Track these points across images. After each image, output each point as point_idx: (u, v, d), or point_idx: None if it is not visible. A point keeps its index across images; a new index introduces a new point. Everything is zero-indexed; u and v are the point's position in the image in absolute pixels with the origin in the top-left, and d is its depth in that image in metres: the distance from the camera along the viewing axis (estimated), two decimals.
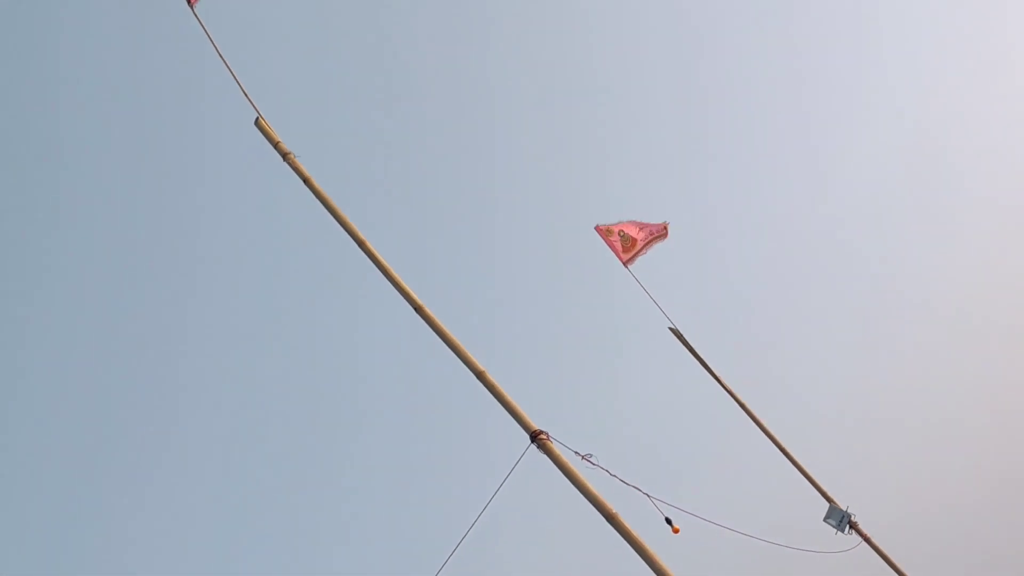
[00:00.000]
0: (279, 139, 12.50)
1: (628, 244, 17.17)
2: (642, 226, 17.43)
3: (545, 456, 9.36)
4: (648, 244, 17.39)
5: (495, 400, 10.16)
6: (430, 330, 10.83)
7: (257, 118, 12.61)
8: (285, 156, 12.29)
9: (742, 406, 17.22)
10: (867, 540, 16.09)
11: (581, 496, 9.09)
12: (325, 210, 11.74)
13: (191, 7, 13.17)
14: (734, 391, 17.25)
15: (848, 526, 16.04)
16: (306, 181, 11.95)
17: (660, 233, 17.77)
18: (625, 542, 8.65)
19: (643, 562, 8.56)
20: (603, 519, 8.85)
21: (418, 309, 10.97)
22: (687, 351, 17.08)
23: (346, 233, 11.50)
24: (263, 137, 12.55)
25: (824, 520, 16.24)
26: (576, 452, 9.43)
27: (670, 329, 17.14)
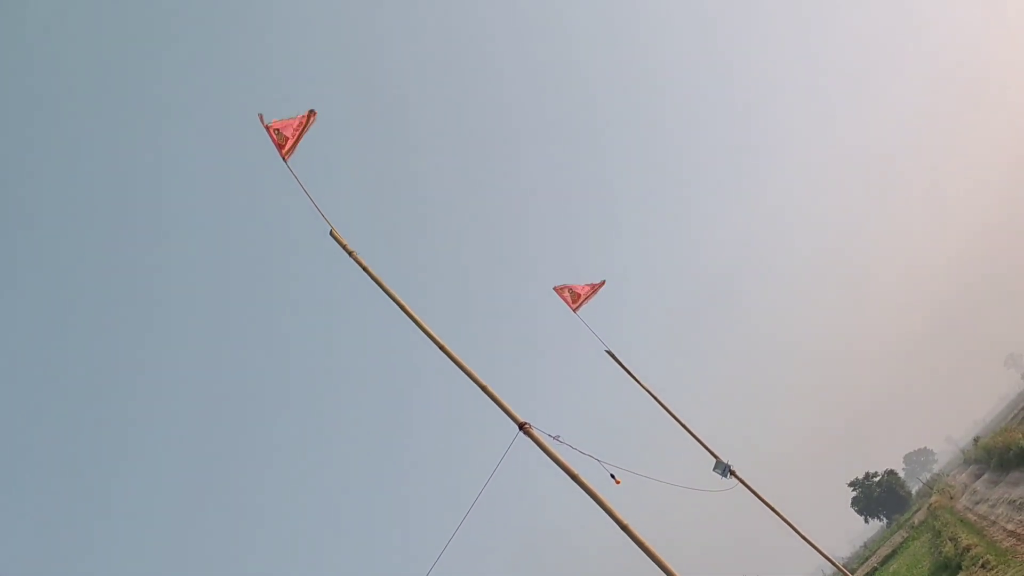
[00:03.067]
0: (346, 242, 12.62)
1: (575, 297, 17.47)
2: (584, 286, 17.76)
3: (530, 441, 9.56)
4: (591, 295, 17.69)
5: (492, 402, 10.32)
6: (449, 360, 10.99)
7: (331, 230, 12.71)
8: (351, 254, 12.44)
9: (657, 400, 17.37)
10: (742, 482, 16.22)
11: (557, 467, 9.29)
12: (370, 278, 11.94)
13: (285, 162, 13.29)
14: (652, 390, 17.40)
15: (729, 473, 16.17)
16: (365, 269, 12.12)
17: (599, 286, 18.07)
18: (588, 496, 8.94)
19: (599, 508, 8.81)
20: (571, 480, 9.09)
21: (441, 348, 11.13)
22: (619, 366, 17.23)
23: (385, 294, 11.69)
24: (336, 243, 12.66)
25: (712, 470, 16.36)
26: (550, 435, 9.65)
27: (606, 351, 17.32)
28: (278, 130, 13.37)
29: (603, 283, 18.19)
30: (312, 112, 13.82)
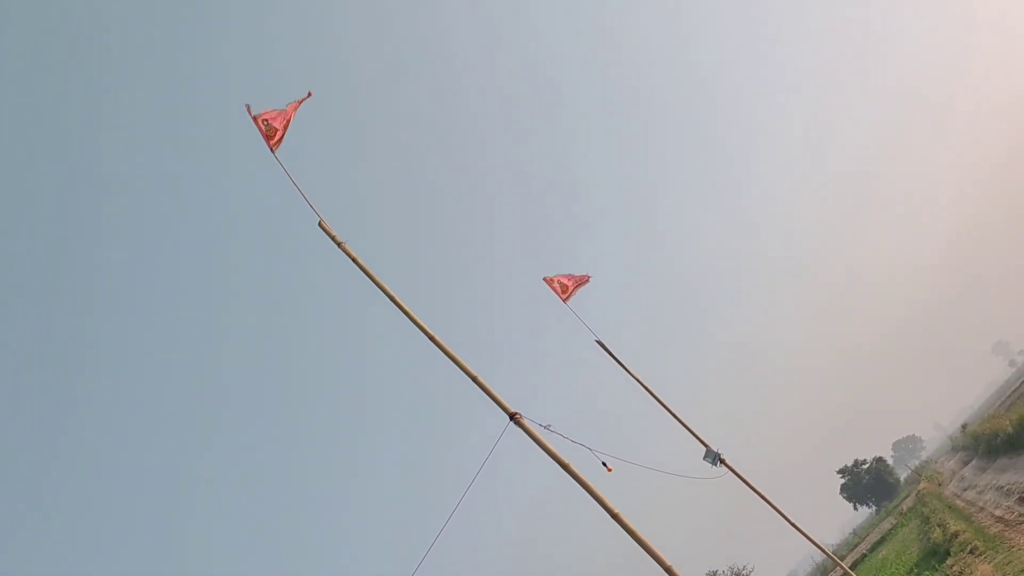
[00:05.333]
0: (335, 233, 12.57)
1: (563, 288, 17.49)
2: (572, 277, 17.76)
3: (521, 431, 9.57)
4: (577, 288, 17.70)
5: (483, 392, 10.32)
6: (439, 351, 10.97)
7: (319, 221, 12.66)
8: (340, 245, 12.40)
9: (647, 390, 17.41)
10: (732, 470, 16.28)
11: (547, 456, 9.29)
12: (359, 270, 11.90)
13: (273, 153, 13.20)
14: (643, 380, 17.44)
15: (719, 461, 16.24)
16: (355, 261, 12.07)
17: (585, 280, 18.07)
18: (577, 484, 8.96)
19: (588, 495, 8.84)
20: (562, 469, 9.11)
21: (431, 338, 11.12)
22: (609, 356, 17.25)
23: (375, 285, 11.66)
24: (325, 234, 12.61)
25: (703, 458, 16.43)
26: (541, 424, 9.66)
27: (596, 341, 17.33)
28: (266, 120, 13.28)
29: (588, 278, 18.22)
30: (308, 93, 13.77)
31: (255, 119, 13.22)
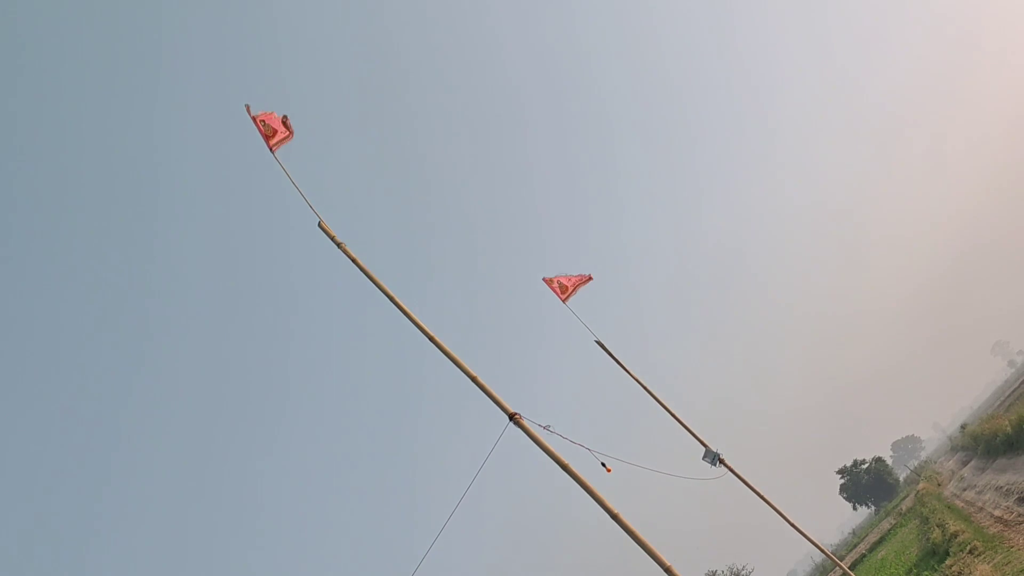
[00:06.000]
0: (334, 234, 12.55)
1: (563, 289, 17.48)
2: (572, 277, 17.76)
3: (520, 431, 9.58)
4: (576, 288, 17.69)
5: (483, 393, 10.32)
6: (440, 352, 10.96)
7: (319, 221, 12.65)
8: (339, 246, 12.38)
9: (647, 390, 17.40)
10: (731, 470, 16.27)
11: (546, 456, 9.30)
12: (359, 270, 11.89)
13: (272, 153, 13.20)
14: (642, 381, 17.43)
15: (718, 461, 16.24)
16: (354, 261, 12.06)
17: (586, 279, 18.07)
18: (578, 485, 8.98)
19: (587, 495, 8.85)
20: (561, 469, 9.12)
21: (431, 339, 11.10)
22: (609, 357, 17.24)
23: (375, 285, 11.65)
24: (325, 235, 12.60)
25: (702, 459, 16.42)
26: (540, 425, 9.67)
27: (596, 342, 17.33)
28: (264, 121, 13.27)
29: (590, 277, 18.20)
30: (284, 118, 13.73)
31: (254, 119, 13.22)
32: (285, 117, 13.62)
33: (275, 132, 13.29)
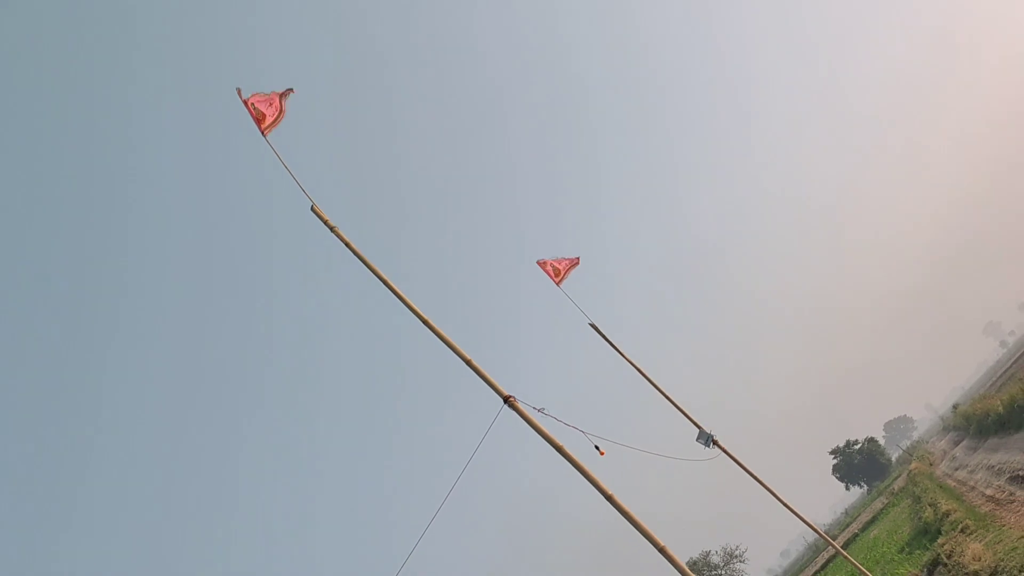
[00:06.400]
0: (327, 217, 12.47)
1: (556, 272, 17.48)
2: (563, 260, 17.76)
3: (515, 414, 9.59)
4: (569, 271, 17.70)
5: (477, 376, 10.31)
6: (433, 335, 10.95)
7: (312, 205, 12.57)
8: (332, 229, 12.32)
9: (640, 372, 17.44)
10: (725, 451, 16.35)
11: (541, 439, 9.32)
12: (354, 256, 11.84)
13: (264, 137, 13.09)
14: (635, 363, 17.47)
15: (712, 443, 16.30)
16: (347, 245, 12.01)
17: (575, 262, 18.06)
18: (573, 467, 9.01)
19: (581, 476, 8.89)
20: (556, 452, 9.14)
21: (425, 322, 11.08)
22: (603, 339, 17.26)
23: (372, 274, 11.62)
24: (318, 219, 12.52)
25: (696, 440, 16.47)
26: (535, 407, 9.68)
27: (590, 324, 17.35)
28: (254, 104, 13.14)
29: (578, 260, 18.20)
30: (289, 90, 13.57)
31: (245, 103, 13.10)
32: (287, 92, 13.46)
33: (264, 116, 13.16)
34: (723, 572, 79.59)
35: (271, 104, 13.32)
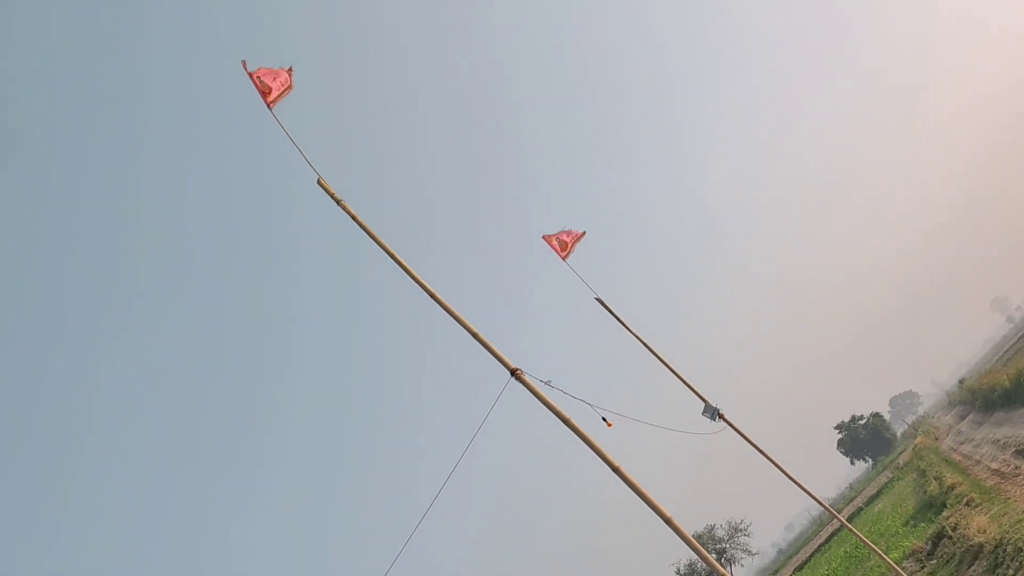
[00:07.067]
0: (334, 190, 12.43)
1: (563, 246, 17.40)
2: (570, 233, 17.68)
3: (522, 387, 9.61)
4: (574, 244, 17.62)
5: (484, 349, 10.32)
6: (440, 308, 10.94)
7: (318, 178, 12.53)
8: (339, 203, 12.29)
9: (647, 347, 17.44)
10: (731, 425, 16.37)
11: (549, 411, 9.35)
12: (361, 229, 11.82)
13: (270, 110, 13.03)
14: (642, 337, 17.46)
15: (717, 416, 16.32)
16: (354, 218, 11.98)
17: (581, 235, 18.00)
18: (577, 437, 9.04)
19: (587, 447, 8.93)
20: (563, 424, 9.18)
21: (432, 295, 11.07)
22: (609, 314, 17.24)
23: (374, 242, 11.60)
24: (324, 192, 12.49)
25: (702, 414, 16.49)
26: (542, 380, 9.69)
27: (596, 299, 17.33)
28: (260, 78, 13.07)
29: (584, 233, 18.11)
30: (290, 69, 13.49)
31: (251, 75, 13.04)
32: (290, 69, 13.40)
33: (270, 89, 13.10)
34: (728, 545, 79.95)
35: (276, 78, 13.26)
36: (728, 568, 79.06)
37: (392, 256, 11.41)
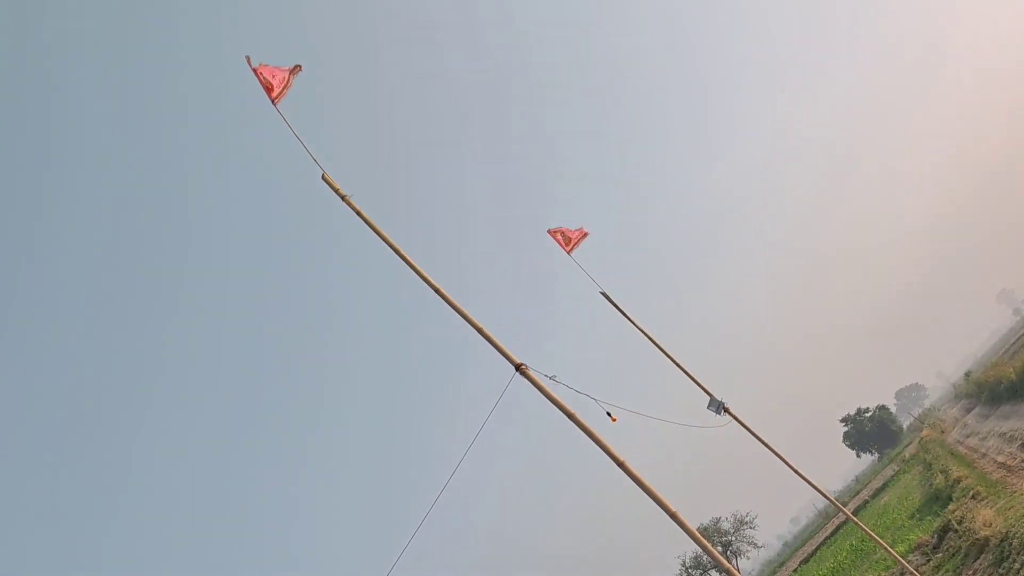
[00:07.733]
0: (339, 186, 12.44)
1: (567, 240, 17.44)
2: (573, 231, 17.73)
3: (527, 381, 9.63)
4: (579, 241, 17.66)
5: (488, 344, 10.33)
6: (445, 303, 10.95)
7: (322, 174, 12.53)
8: (344, 199, 12.30)
9: (652, 341, 17.46)
10: (735, 418, 16.40)
11: (553, 406, 9.37)
12: (364, 223, 11.82)
13: (275, 105, 13.04)
14: (647, 331, 17.47)
15: (723, 410, 16.34)
16: (358, 214, 11.99)
17: (584, 234, 18.04)
18: (582, 432, 9.06)
19: (592, 442, 8.95)
20: (568, 419, 9.20)
21: (437, 291, 11.08)
22: (614, 308, 17.26)
23: (379, 238, 11.60)
24: (328, 188, 12.49)
25: (707, 407, 16.52)
26: (546, 375, 9.71)
27: (601, 293, 17.34)
28: (264, 74, 13.07)
29: (587, 233, 18.14)
30: (297, 67, 13.48)
31: (255, 71, 13.04)
32: (295, 68, 13.39)
33: (273, 86, 13.09)
34: (733, 538, 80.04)
35: (274, 76, 13.25)
36: (733, 561, 79.12)
37: (397, 252, 11.42)
